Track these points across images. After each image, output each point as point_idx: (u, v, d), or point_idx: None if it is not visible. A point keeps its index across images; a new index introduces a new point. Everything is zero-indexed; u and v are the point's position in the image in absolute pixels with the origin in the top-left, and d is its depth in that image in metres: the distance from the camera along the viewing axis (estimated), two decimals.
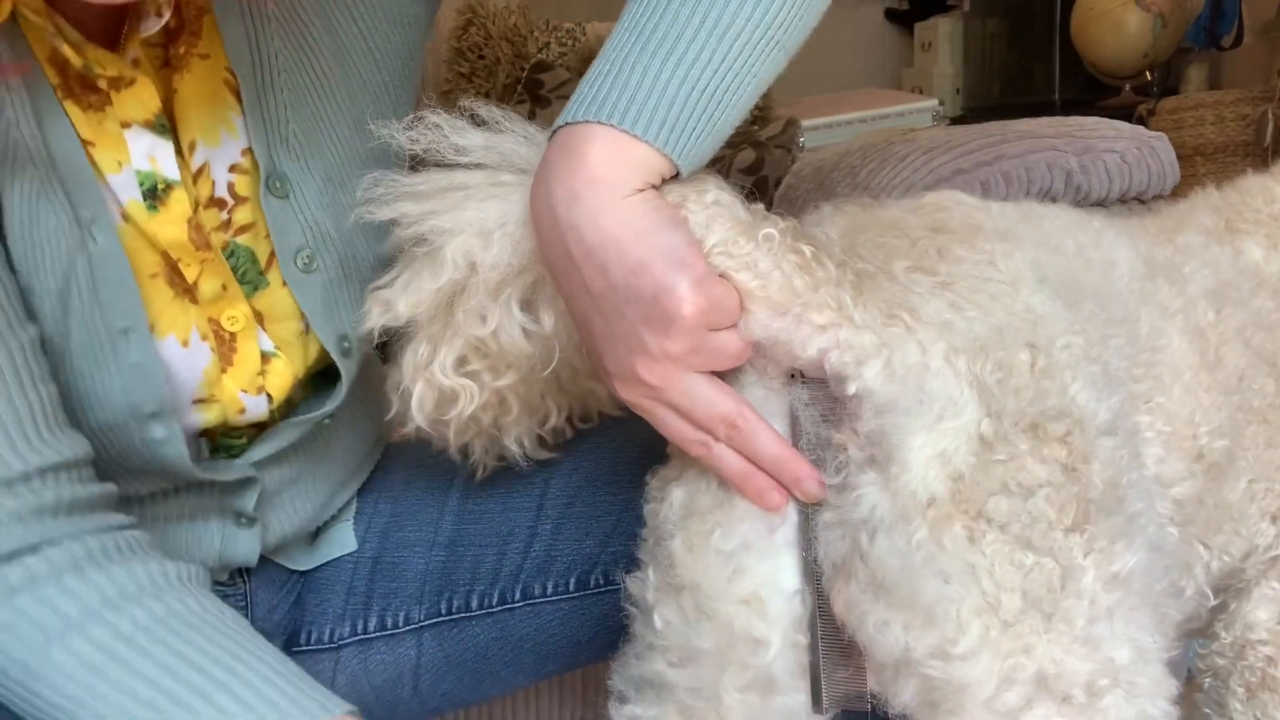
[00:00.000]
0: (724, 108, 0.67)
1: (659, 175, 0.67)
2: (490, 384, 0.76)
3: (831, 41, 3.79)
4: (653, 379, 0.67)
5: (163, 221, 0.77)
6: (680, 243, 0.65)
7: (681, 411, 0.68)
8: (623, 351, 0.67)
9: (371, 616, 0.96)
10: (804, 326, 0.66)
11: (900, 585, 0.63)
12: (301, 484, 0.91)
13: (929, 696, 0.64)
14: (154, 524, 0.83)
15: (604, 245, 0.65)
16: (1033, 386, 0.65)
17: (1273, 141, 2.88)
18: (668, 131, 0.66)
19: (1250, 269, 0.88)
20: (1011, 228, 0.76)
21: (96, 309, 0.75)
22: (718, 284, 0.66)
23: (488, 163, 0.73)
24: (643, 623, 0.74)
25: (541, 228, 0.68)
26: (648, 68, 0.66)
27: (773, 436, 0.67)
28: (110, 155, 0.76)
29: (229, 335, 0.81)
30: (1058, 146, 1.54)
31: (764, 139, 1.96)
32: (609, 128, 0.65)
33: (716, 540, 0.68)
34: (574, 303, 0.69)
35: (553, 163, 0.67)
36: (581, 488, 0.94)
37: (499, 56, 2.14)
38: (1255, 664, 0.89)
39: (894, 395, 0.64)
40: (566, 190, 0.66)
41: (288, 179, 0.82)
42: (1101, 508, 0.64)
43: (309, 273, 0.83)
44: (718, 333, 0.66)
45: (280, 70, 0.82)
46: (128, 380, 0.76)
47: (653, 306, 0.65)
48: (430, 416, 0.77)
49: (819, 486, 0.67)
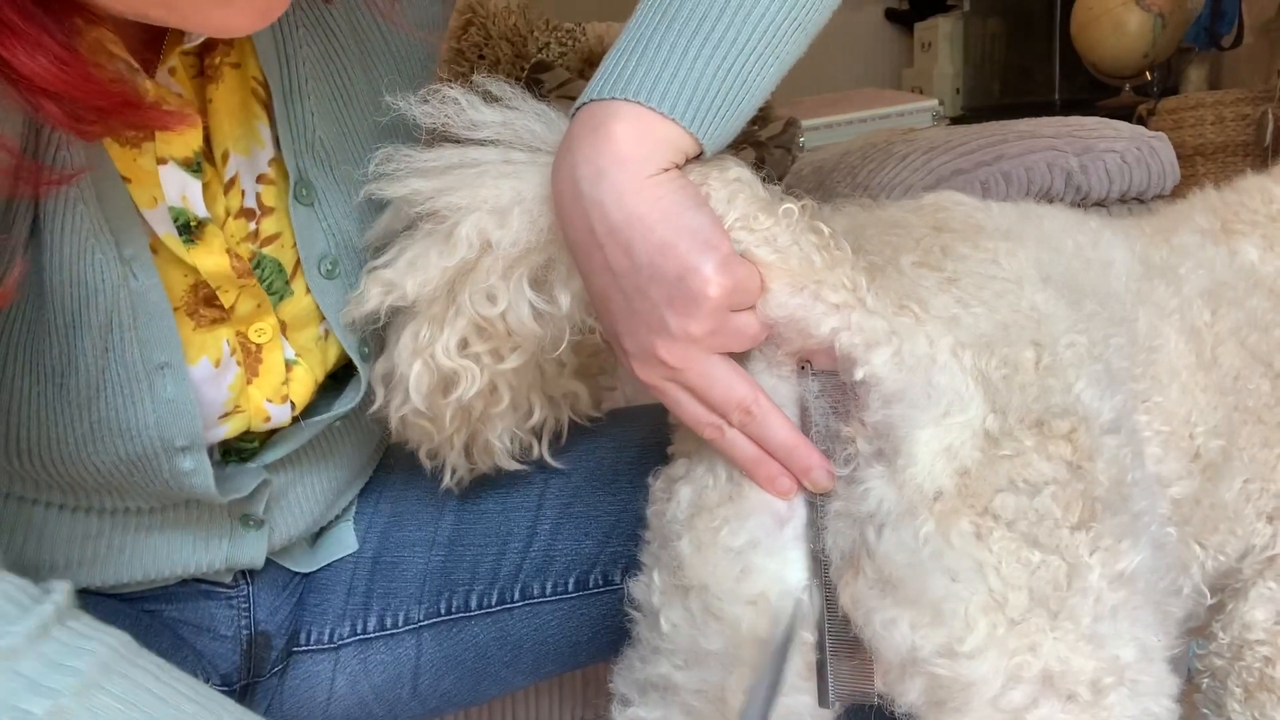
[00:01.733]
0: (748, 88, 0.67)
1: (684, 155, 0.67)
2: (491, 367, 0.75)
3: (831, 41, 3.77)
4: (672, 359, 0.66)
5: (203, 253, 0.77)
6: (706, 223, 0.65)
7: (698, 394, 0.68)
8: (642, 331, 0.66)
9: (371, 616, 0.96)
10: (819, 304, 0.66)
11: (907, 581, 0.63)
12: (307, 484, 0.90)
13: (935, 695, 0.64)
14: (160, 529, 0.83)
15: (629, 224, 0.65)
16: (1037, 384, 0.65)
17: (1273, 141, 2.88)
18: (694, 110, 0.65)
19: (1246, 269, 0.89)
20: (1013, 227, 0.76)
21: (135, 345, 0.74)
22: (742, 265, 0.65)
23: (502, 139, 0.73)
24: (647, 626, 0.74)
25: (564, 205, 0.67)
26: (674, 46, 0.66)
27: (785, 424, 0.67)
28: (146, 192, 0.74)
29: (255, 347, 0.81)
30: (1058, 146, 1.54)
31: (764, 139, 1.96)
32: (636, 105, 0.65)
33: (725, 537, 0.68)
34: (594, 281, 0.68)
35: (578, 139, 0.66)
36: (580, 488, 0.94)
37: (499, 57, 2.14)
38: (1253, 664, 0.89)
39: (902, 386, 0.64)
40: (592, 168, 0.65)
41: (313, 186, 0.81)
42: (1107, 506, 0.64)
43: (332, 279, 0.82)
44: (738, 314, 0.66)
45: (308, 77, 0.81)
46: (162, 414, 0.75)
47: (677, 287, 0.64)
48: (427, 399, 0.76)
49: (828, 476, 0.67)
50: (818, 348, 0.67)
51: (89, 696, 0.52)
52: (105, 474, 0.76)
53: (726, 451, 0.68)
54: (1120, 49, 3.44)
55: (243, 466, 0.85)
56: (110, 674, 0.53)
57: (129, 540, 0.81)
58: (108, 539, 0.80)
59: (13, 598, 0.54)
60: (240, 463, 0.85)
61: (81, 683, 0.52)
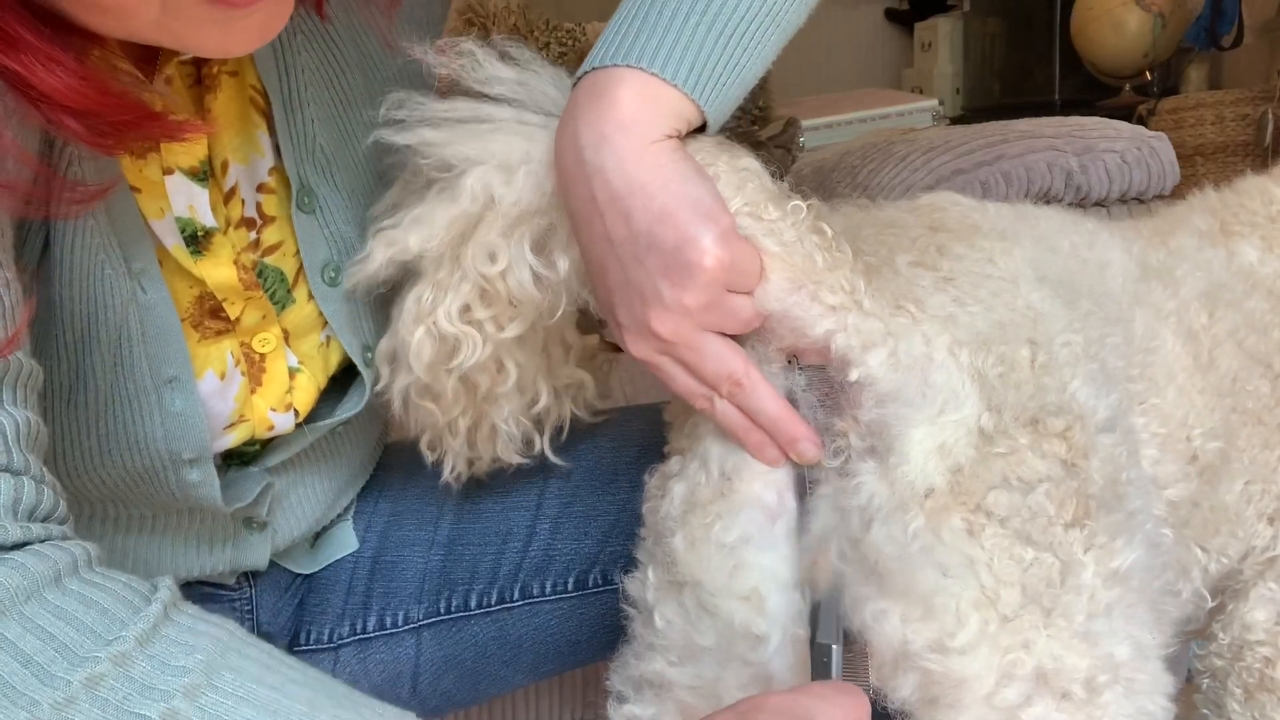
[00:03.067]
0: (749, 56, 0.67)
1: (686, 123, 0.67)
2: (493, 336, 0.75)
3: (831, 41, 3.79)
4: (666, 332, 0.66)
5: (210, 265, 0.77)
6: (706, 195, 0.65)
7: (690, 367, 0.68)
8: (637, 302, 0.66)
9: (370, 616, 0.96)
10: (816, 305, 0.66)
11: (895, 574, 0.63)
12: (309, 486, 0.90)
13: (928, 692, 0.64)
14: (164, 534, 0.82)
15: (630, 191, 0.65)
16: (1033, 382, 0.65)
17: (1273, 141, 2.88)
18: (696, 77, 0.66)
19: (1244, 271, 0.89)
20: (1009, 227, 0.76)
21: (144, 359, 0.74)
22: (742, 243, 0.65)
23: (516, 99, 0.72)
24: (642, 623, 0.74)
25: (565, 170, 0.67)
26: (675, 13, 0.66)
27: (773, 397, 0.67)
28: (154, 203, 0.74)
29: (259, 357, 0.81)
30: (1058, 146, 1.54)
31: (764, 139, 1.96)
32: (638, 71, 0.65)
33: (717, 533, 0.69)
34: (591, 250, 0.68)
35: (581, 105, 0.66)
36: (580, 487, 0.94)
37: None
38: (1253, 665, 0.89)
39: (897, 385, 0.64)
40: (595, 133, 0.65)
41: (315, 194, 0.81)
42: (1101, 504, 0.64)
43: (335, 286, 0.82)
44: (734, 294, 0.66)
45: (307, 84, 0.81)
46: (170, 428, 0.75)
47: (673, 257, 0.64)
48: (429, 369, 0.76)
49: (815, 448, 0.67)
50: (810, 347, 0.67)
51: (199, 696, 0.52)
52: (112, 485, 0.76)
53: (717, 421, 0.69)
54: (1120, 49, 3.44)
55: (245, 470, 0.85)
56: (218, 670, 0.54)
57: (132, 545, 0.81)
58: (110, 543, 0.80)
59: (123, 598, 0.55)
60: (242, 466, 0.85)
61: (192, 682, 0.52)
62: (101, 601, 0.54)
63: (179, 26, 0.62)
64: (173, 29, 0.62)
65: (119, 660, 0.52)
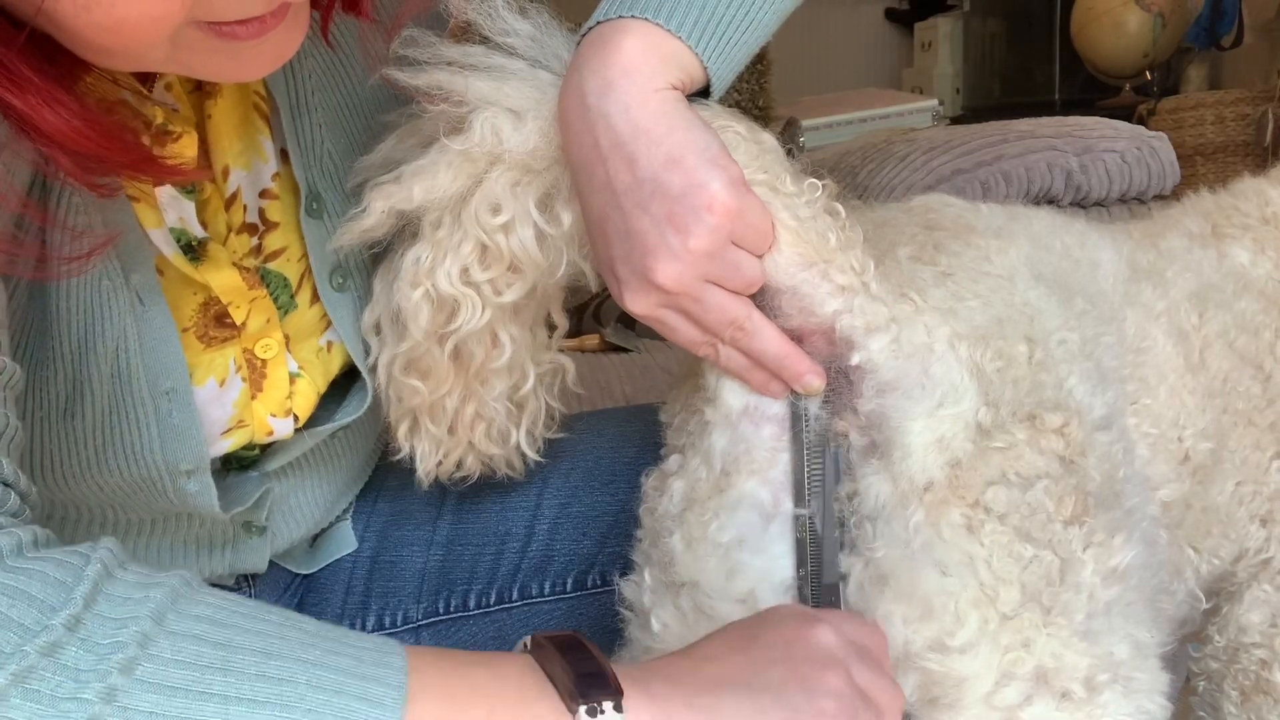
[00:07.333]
0: (752, 18, 0.68)
1: (689, 76, 0.67)
2: (491, 299, 0.74)
3: (831, 41, 3.79)
4: (668, 282, 0.66)
5: (211, 269, 0.76)
6: (713, 143, 0.65)
7: (693, 317, 0.68)
8: (638, 252, 0.66)
9: (369, 616, 0.96)
10: (825, 284, 0.66)
11: (899, 575, 0.63)
12: (308, 489, 0.90)
13: (928, 692, 0.64)
14: (163, 539, 0.82)
15: (635, 136, 0.65)
16: (1030, 378, 0.65)
17: (1273, 141, 2.88)
18: (700, 31, 0.66)
19: (1235, 272, 0.89)
20: (1003, 226, 0.77)
21: (142, 371, 0.73)
22: (751, 196, 0.65)
23: (529, 54, 0.72)
24: (639, 626, 0.74)
25: (569, 121, 0.67)
26: None
27: (776, 336, 0.67)
28: (150, 213, 0.74)
29: (260, 362, 0.81)
30: (1058, 146, 1.55)
31: None
32: (644, 21, 0.66)
33: (714, 532, 0.68)
34: (593, 200, 0.68)
35: (586, 56, 0.67)
36: (578, 488, 0.94)
37: None
38: (1249, 667, 0.89)
39: (898, 374, 0.65)
40: (600, 80, 0.65)
41: (323, 199, 0.81)
42: (1100, 501, 0.64)
43: (342, 291, 0.82)
44: (738, 249, 0.66)
45: (314, 89, 0.81)
46: (167, 440, 0.75)
47: (679, 202, 0.64)
48: (426, 333, 0.74)
49: (819, 379, 0.67)
50: (817, 328, 0.67)
51: (134, 669, 0.49)
52: (109, 493, 0.76)
53: (721, 366, 0.69)
54: (1120, 49, 3.44)
55: (244, 475, 0.85)
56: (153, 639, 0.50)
57: (130, 549, 0.81)
58: None
59: (54, 578, 0.52)
60: (241, 471, 0.85)
61: (127, 657, 0.49)
62: (29, 589, 0.51)
63: (190, 59, 0.62)
64: (184, 61, 0.62)
65: (47, 650, 0.49)
